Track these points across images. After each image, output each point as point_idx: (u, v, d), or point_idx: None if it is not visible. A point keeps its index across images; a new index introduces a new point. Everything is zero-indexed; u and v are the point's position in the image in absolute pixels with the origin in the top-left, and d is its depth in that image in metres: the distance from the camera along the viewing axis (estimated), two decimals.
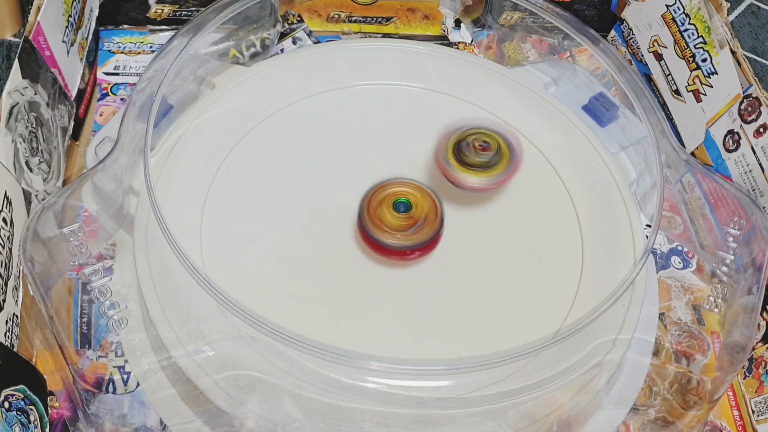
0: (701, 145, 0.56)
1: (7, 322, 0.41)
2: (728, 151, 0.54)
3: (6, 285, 0.42)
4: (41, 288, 0.41)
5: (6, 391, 0.39)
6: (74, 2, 0.53)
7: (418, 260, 0.46)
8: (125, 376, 0.45)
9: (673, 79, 0.59)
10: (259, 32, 0.59)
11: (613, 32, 0.65)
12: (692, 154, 0.56)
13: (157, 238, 0.43)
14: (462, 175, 0.46)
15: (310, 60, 0.56)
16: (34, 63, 0.48)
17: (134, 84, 0.56)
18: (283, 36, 0.62)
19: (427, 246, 0.45)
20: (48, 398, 0.43)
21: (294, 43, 0.62)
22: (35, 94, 0.47)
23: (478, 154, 0.46)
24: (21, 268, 0.44)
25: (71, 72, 0.53)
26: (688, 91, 0.57)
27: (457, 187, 0.46)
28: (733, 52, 0.53)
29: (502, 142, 0.47)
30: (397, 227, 0.45)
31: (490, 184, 0.46)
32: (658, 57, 0.60)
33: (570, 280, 0.46)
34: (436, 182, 0.47)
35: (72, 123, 0.53)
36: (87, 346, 0.46)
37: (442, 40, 0.64)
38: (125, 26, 0.62)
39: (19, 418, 0.39)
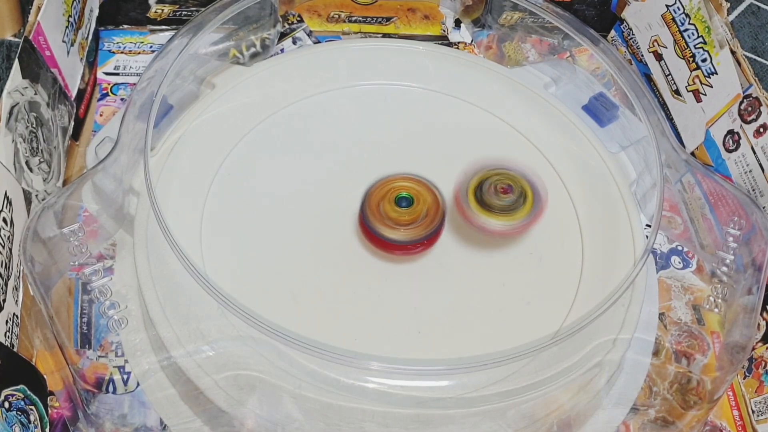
0: (701, 145, 0.56)
1: (7, 322, 0.41)
2: (728, 151, 0.54)
3: (6, 285, 0.42)
4: (41, 288, 0.41)
5: (6, 391, 0.39)
6: (74, 2, 0.53)
7: (419, 258, 0.46)
8: (125, 376, 0.45)
9: (673, 79, 0.59)
10: (259, 32, 0.59)
11: (613, 32, 0.65)
12: (692, 154, 0.56)
13: (157, 238, 0.43)
14: (483, 219, 0.44)
15: (310, 60, 0.56)
16: (34, 63, 0.48)
17: (134, 84, 0.56)
18: (283, 36, 0.62)
19: (429, 240, 0.45)
20: (48, 398, 0.43)
21: (294, 43, 0.62)
22: (35, 94, 0.47)
23: (499, 196, 0.45)
24: (21, 268, 0.44)
25: (71, 72, 0.53)
26: (688, 91, 0.57)
27: (478, 231, 0.45)
28: (733, 52, 0.53)
29: (525, 184, 0.45)
30: (399, 222, 0.45)
31: (512, 228, 0.45)
32: (658, 57, 0.60)
33: (570, 280, 0.46)
34: (437, 177, 0.47)
35: (72, 123, 0.53)
36: (87, 346, 0.46)
37: (442, 40, 0.64)
38: (125, 26, 0.62)
39: (19, 418, 0.39)
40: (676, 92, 0.58)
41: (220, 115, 0.51)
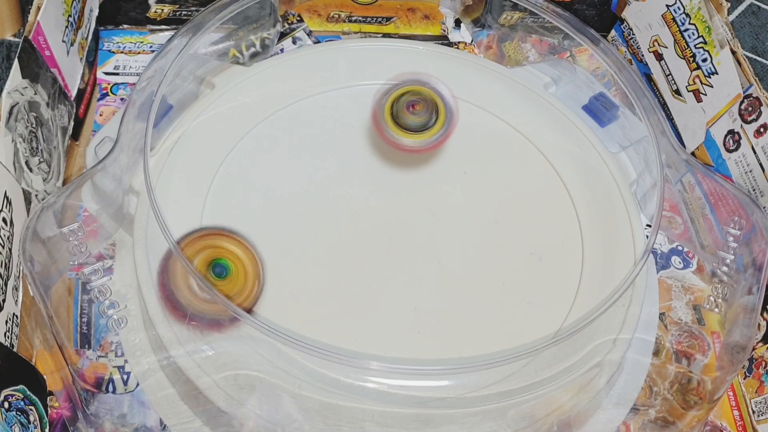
0: (701, 145, 0.56)
1: (7, 322, 0.41)
2: (728, 151, 0.54)
3: (6, 285, 0.42)
4: (41, 288, 0.41)
5: (6, 391, 0.39)
6: (74, 2, 0.53)
7: (419, 258, 0.46)
8: (125, 376, 0.45)
9: (673, 79, 0.59)
10: (259, 32, 0.59)
11: (613, 32, 0.65)
12: (692, 154, 0.56)
13: (157, 238, 0.43)
14: (399, 137, 0.47)
15: (310, 60, 0.56)
16: (34, 63, 0.48)
17: (134, 84, 0.56)
18: (283, 36, 0.62)
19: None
20: (48, 398, 0.43)
21: (294, 43, 0.62)
22: (35, 94, 0.47)
23: (413, 113, 0.47)
24: (21, 268, 0.44)
25: (71, 72, 0.53)
26: (689, 91, 0.57)
27: (395, 149, 0.48)
28: (733, 52, 0.53)
29: (438, 99, 0.47)
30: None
31: (426, 145, 0.47)
32: (659, 57, 0.60)
33: (570, 280, 0.46)
34: (437, 177, 0.47)
35: (72, 123, 0.53)
36: (87, 346, 0.46)
37: (442, 40, 0.64)
38: (125, 26, 0.62)
39: (18, 418, 0.39)
40: (677, 92, 0.58)
41: (220, 115, 0.51)
